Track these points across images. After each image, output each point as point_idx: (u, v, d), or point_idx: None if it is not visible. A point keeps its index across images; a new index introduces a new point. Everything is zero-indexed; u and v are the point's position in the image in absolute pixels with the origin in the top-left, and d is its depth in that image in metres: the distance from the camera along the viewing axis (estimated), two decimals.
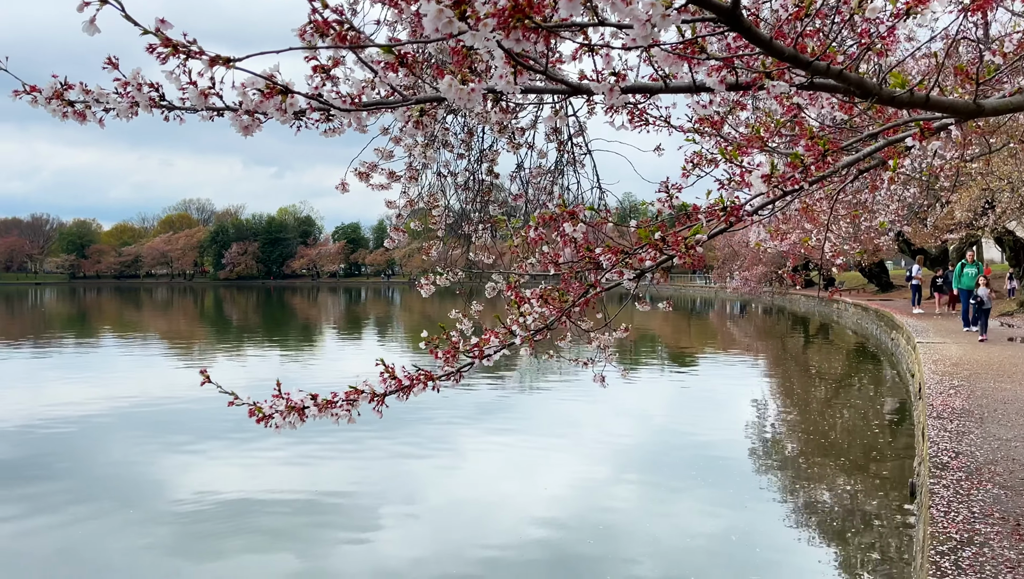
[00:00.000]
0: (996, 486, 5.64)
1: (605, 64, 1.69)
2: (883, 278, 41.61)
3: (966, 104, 1.95)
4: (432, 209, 5.02)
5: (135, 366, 21.59)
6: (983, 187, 22.13)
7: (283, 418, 2.25)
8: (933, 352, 14.22)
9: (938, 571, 4.06)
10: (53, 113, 2.16)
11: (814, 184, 2.19)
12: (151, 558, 6.98)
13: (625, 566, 6.72)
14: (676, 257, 2.00)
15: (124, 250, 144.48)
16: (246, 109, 1.88)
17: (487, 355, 2.27)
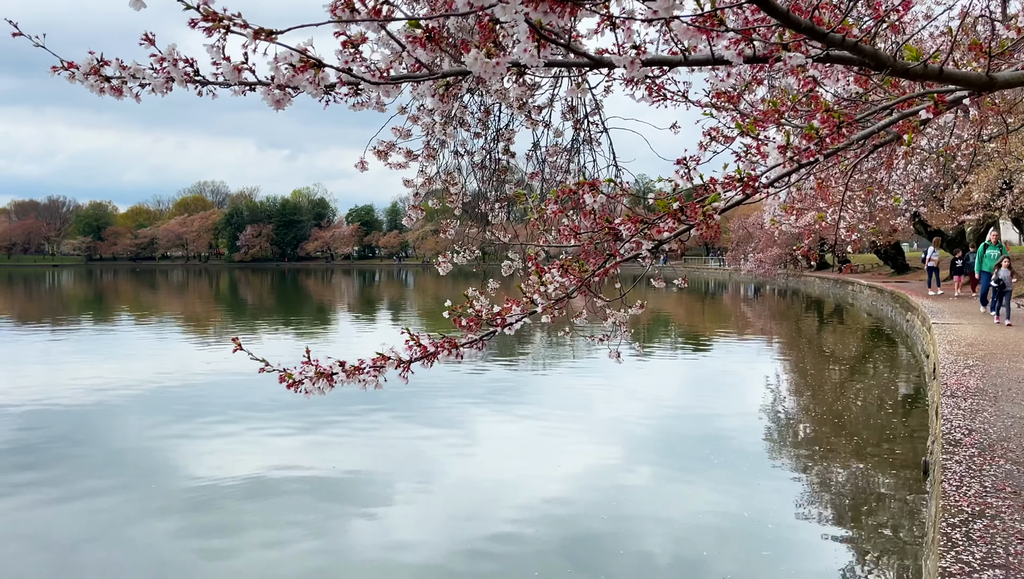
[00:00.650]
0: (1008, 462, 5.68)
1: (626, 37, 1.74)
2: (899, 260, 41.33)
3: (979, 76, 1.99)
4: (450, 187, 5.08)
5: (152, 347, 21.79)
6: (1001, 167, 21.94)
7: (312, 384, 2.34)
8: (948, 333, 14.19)
9: (949, 542, 4.12)
10: (91, 89, 2.23)
11: (829, 156, 2.23)
12: (169, 537, 7.07)
13: (638, 545, 6.77)
14: (694, 227, 2.06)
15: (140, 232, 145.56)
16: (278, 83, 1.95)
17: (509, 324, 2.34)
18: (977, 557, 3.96)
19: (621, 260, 2.23)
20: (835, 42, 1.66)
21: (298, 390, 2.39)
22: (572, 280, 2.24)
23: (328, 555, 6.68)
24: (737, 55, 1.70)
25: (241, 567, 6.45)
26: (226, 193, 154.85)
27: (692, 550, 6.70)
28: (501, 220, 5.98)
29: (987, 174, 22.59)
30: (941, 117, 2.25)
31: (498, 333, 2.38)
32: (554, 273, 2.23)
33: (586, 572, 6.22)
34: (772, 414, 12.55)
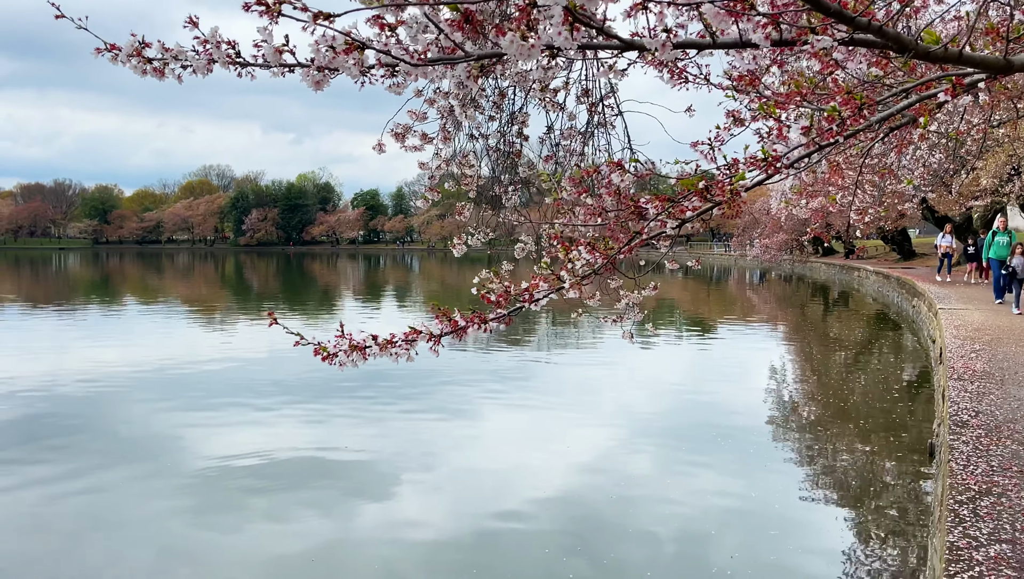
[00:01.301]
0: (1015, 442, 5.76)
1: (658, 21, 1.81)
2: (905, 246, 41.28)
3: (996, 60, 2.06)
4: (467, 170, 5.14)
5: (158, 331, 21.89)
6: (1010, 153, 21.89)
7: (347, 356, 2.42)
8: (955, 318, 14.24)
9: (957, 518, 4.22)
10: (133, 70, 2.31)
11: (848, 137, 2.30)
12: (175, 520, 7.11)
13: (643, 527, 6.82)
14: (721, 204, 2.14)
15: (146, 215, 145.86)
16: (318, 65, 2.03)
17: (536, 300, 2.42)
18: (984, 532, 4.05)
19: (647, 237, 2.31)
20: (861, 26, 1.73)
21: (332, 362, 2.47)
22: (598, 257, 2.32)
23: (335, 537, 6.71)
24: (765, 38, 1.77)
25: (248, 549, 6.52)
26: (231, 177, 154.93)
27: (698, 532, 6.76)
28: (514, 203, 6.04)
29: (996, 160, 22.54)
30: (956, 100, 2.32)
31: (525, 309, 2.46)
32: (581, 250, 2.31)
33: (592, 554, 6.28)
34: (777, 399, 12.61)
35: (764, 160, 2.11)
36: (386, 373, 13.81)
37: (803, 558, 6.24)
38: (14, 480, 8.19)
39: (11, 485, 8.04)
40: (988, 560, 3.71)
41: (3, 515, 7.23)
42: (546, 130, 5.66)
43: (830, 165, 4.13)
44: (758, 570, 5.94)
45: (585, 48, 1.94)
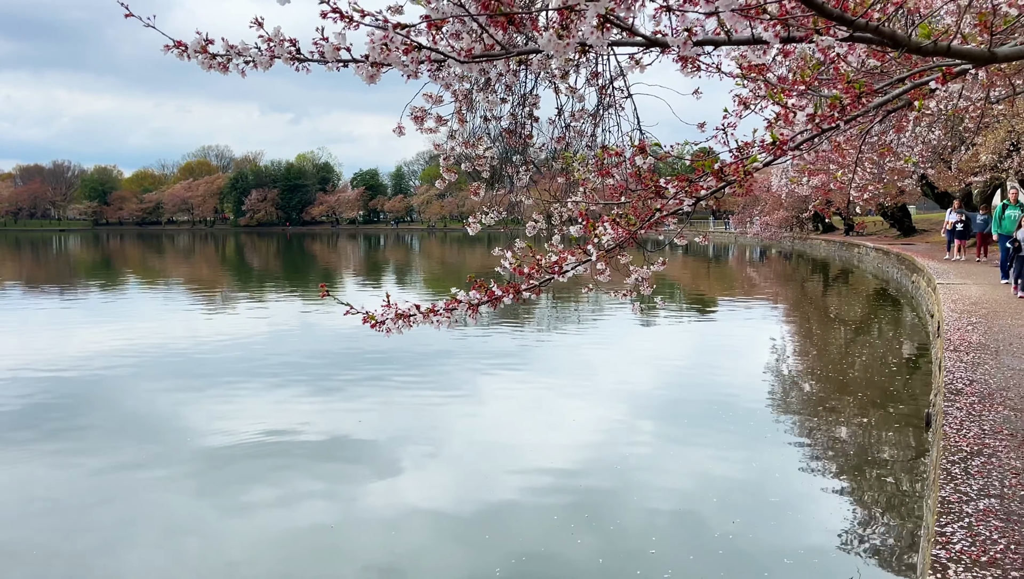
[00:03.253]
0: (1007, 408, 6.04)
1: (680, 21, 2.04)
2: (905, 222, 41.43)
3: (981, 52, 2.28)
4: (485, 151, 5.35)
5: (160, 312, 21.98)
6: (1008, 129, 22.02)
7: (393, 323, 2.67)
8: (953, 292, 14.49)
9: (949, 477, 4.49)
10: (200, 65, 2.54)
11: (849, 122, 2.54)
12: (181, 498, 7.21)
13: (644, 503, 6.92)
14: (735, 183, 2.38)
15: (145, 197, 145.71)
16: (372, 60, 2.26)
17: (565, 271, 2.67)
18: (974, 488, 4.33)
19: (666, 213, 2.55)
20: (860, 26, 1.96)
21: (379, 329, 2.73)
22: (621, 232, 2.56)
23: (339, 515, 6.80)
24: (775, 36, 2.00)
25: (254, 526, 6.62)
26: (230, 157, 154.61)
27: (699, 505, 6.87)
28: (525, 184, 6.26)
29: (995, 136, 22.68)
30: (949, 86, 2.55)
31: (554, 280, 2.71)
32: (606, 226, 2.55)
33: (595, 526, 6.38)
34: (777, 375, 12.79)
35: (773, 143, 2.35)
36: (390, 353, 14.02)
37: (802, 529, 6.39)
38: (20, 460, 8.27)
39: (17, 465, 8.12)
40: (977, 513, 3.99)
41: (11, 495, 7.30)
42: (556, 112, 5.88)
43: (833, 145, 4.36)
44: (758, 541, 6.09)
45: (613, 45, 2.17)
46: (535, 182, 6.76)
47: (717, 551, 5.91)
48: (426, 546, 6.19)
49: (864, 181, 7.83)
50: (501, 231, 6.62)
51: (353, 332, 16.81)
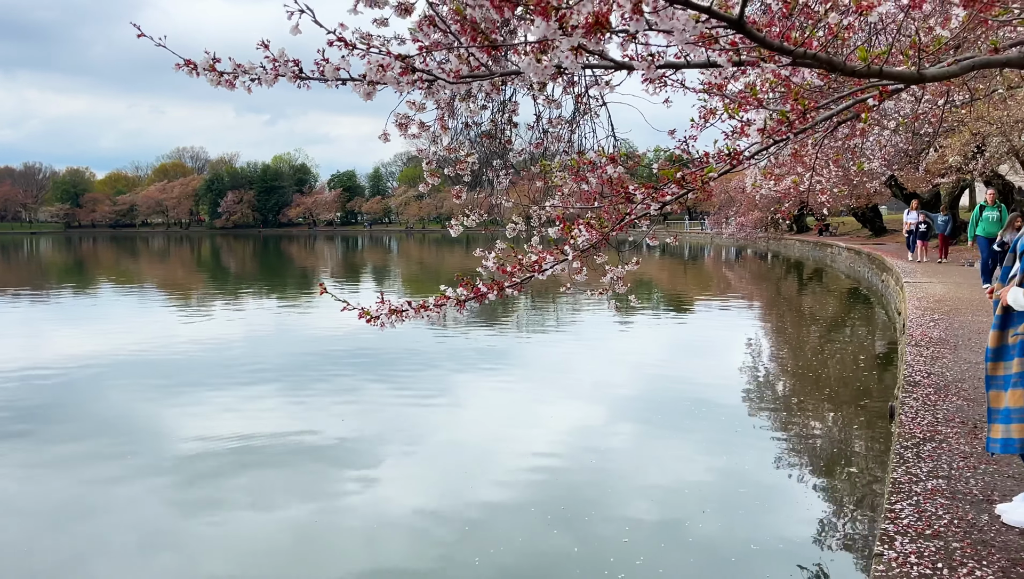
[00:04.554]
0: (960, 399, 6.40)
1: (644, 48, 2.30)
2: (877, 223, 42.25)
3: (911, 73, 2.57)
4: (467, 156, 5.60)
5: (133, 315, 21.69)
6: (973, 132, 22.63)
7: (388, 318, 2.92)
8: (919, 290, 14.97)
9: (902, 460, 4.82)
10: (209, 82, 2.77)
11: (798, 135, 2.83)
12: (155, 503, 7.11)
13: (621, 501, 6.98)
14: (693, 191, 2.66)
15: (119, 199, 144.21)
16: (369, 80, 2.51)
17: (544, 270, 2.94)
18: (924, 471, 4.65)
19: (634, 217, 2.82)
20: (799, 56, 2.23)
21: (374, 324, 2.97)
22: (595, 234, 2.83)
23: (318, 518, 6.76)
24: (727, 61, 2.27)
25: (229, 531, 6.55)
26: (206, 159, 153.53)
27: (675, 501, 6.92)
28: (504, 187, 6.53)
29: (960, 138, 23.29)
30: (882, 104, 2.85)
31: (534, 278, 2.97)
32: (581, 229, 2.82)
33: (573, 524, 6.44)
34: (752, 373, 13.03)
35: (728, 154, 2.63)
36: (365, 354, 14.11)
37: (775, 522, 6.50)
38: None
39: None
40: (925, 492, 4.32)
41: None
42: (535, 119, 6.15)
43: (793, 152, 4.67)
44: (731, 534, 6.19)
45: (586, 67, 2.43)
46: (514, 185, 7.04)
47: (691, 544, 6.03)
48: (406, 547, 6.22)
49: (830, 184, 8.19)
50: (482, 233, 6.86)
51: (331, 334, 16.83)
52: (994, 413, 3.93)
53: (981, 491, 4.36)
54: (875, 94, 2.71)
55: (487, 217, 6.51)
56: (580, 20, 1.84)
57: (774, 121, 2.59)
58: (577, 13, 1.83)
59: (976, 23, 2.86)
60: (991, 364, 3.97)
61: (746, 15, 1.98)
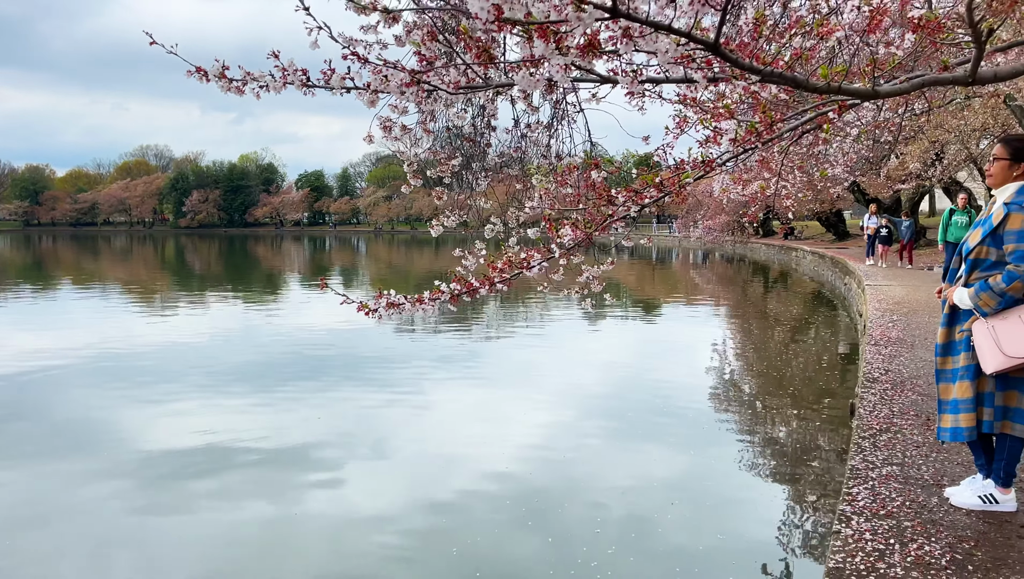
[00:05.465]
0: (916, 394, 6.75)
1: (627, 65, 2.53)
2: (840, 227, 43.20)
3: (867, 90, 2.84)
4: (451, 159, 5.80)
5: (94, 315, 21.23)
6: (932, 140, 23.33)
7: (386, 311, 3.12)
8: (879, 293, 15.47)
9: (859, 450, 5.12)
10: (220, 88, 2.94)
11: (765, 144, 3.09)
12: (116, 510, 6.94)
13: (590, 502, 6.98)
14: (670, 194, 2.89)
15: (80, 197, 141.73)
16: (374, 88, 2.71)
17: (532, 267, 3.15)
18: (879, 459, 4.96)
19: (616, 218, 3.05)
20: (766, 74, 2.48)
21: (372, 316, 3.16)
22: (580, 234, 3.06)
23: (282, 522, 6.65)
24: (703, 78, 2.51)
25: (191, 535, 6.43)
26: (170, 157, 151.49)
27: (643, 503, 6.93)
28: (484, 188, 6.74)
29: (919, 146, 24.00)
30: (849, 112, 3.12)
31: (522, 274, 3.18)
32: (567, 229, 3.05)
33: (539, 529, 6.41)
34: (719, 374, 13.21)
35: (702, 162, 2.88)
36: (332, 356, 14.12)
37: (741, 519, 6.59)
38: None
39: None
40: (880, 477, 4.61)
41: None
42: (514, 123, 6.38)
43: (760, 159, 4.95)
44: (700, 532, 6.28)
45: (575, 81, 2.66)
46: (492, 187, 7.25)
47: (658, 540, 6.13)
48: (373, 549, 6.19)
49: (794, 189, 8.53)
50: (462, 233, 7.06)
51: (297, 336, 16.85)
52: (943, 404, 4.23)
53: (932, 476, 4.67)
54: (835, 108, 2.98)
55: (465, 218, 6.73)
56: (575, 42, 2.06)
57: (744, 131, 2.84)
58: (572, 36, 2.06)
59: (926, 44, 3.15)
60: (940, 359, 4.28)
61: (721, 37, 2.22)
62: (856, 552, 3.63)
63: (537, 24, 2.01)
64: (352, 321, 19.43)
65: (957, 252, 4.21)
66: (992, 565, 3.54)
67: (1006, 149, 3.89)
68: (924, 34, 2.78)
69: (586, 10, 1.92)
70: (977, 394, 4.02)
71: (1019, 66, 3.26)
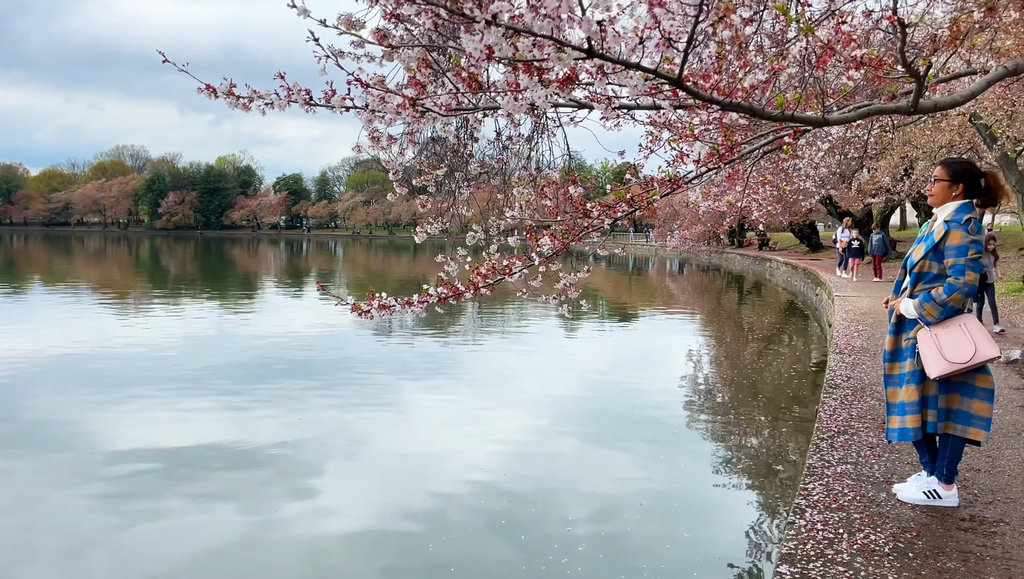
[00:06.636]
0: (874, 399, 7.11)
1: (603, 92, 2.82)
2: (813, 239, 43.97)
3: (817, 118, 3.15)
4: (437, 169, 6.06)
5: (65, 317, 21.08)
6: (902, 155, 23.96)
7: (378, 312, 3.37)
8: (847, 304, 15.93)
9: (817, 450, 5.45)
10: (228, 105, 3.19)
11: (727, 164, 3.39)
12: (85, 515, 6.86)
13: (562, 512, 6.99)
14: (640, 209, 3.18)
15: (54, 196, 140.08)
16: (372, 109, 2.98)
17: (514, 273, 3.43)
18: (836, 458, 5.29)
19: (592, 229, 3.34)
20: (726, 104, 2.77)
21: (365, 317, 3.42)
22: (558, 244, 3.34)
23: (257, 529, 6.60)
24: (669, 106, 2.81)
25: (162, 541, 6.35)
26: (147, 158, 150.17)
27: (617, 510, 7.02)
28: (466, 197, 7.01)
29: (889, 161, 24.64)
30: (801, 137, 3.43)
31: (504, 280, 3.45)
32: (546, 239, 3.33)
33: (512, 536, 6.44)
34: (693, 383, 13.34)
35: (670, 180, 3.17)
36: (307, 361, 14.17)
37: (714, 527, 6.71)
38: None
39: None
40: (835, 474, 4.94)
41: None
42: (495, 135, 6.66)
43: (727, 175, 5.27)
44: (670, 537, 6.41)
45: (555, 105, 2.94)
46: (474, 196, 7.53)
47: (629, 541, 6.25)
48: (346, 557, 6.17)
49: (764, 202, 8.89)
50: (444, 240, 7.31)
51: (272, 340, 16.82)
52: (891, 407, 4.56)
53: (882, 474, 5.00)
54: (790, 132, 3.29)
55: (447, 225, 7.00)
56: (555, 75, 2.35)
57: (707, 153, 3.14)
58: (553, 72, 2.34)
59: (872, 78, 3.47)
60: (888, 364, 4.61)
61: (686, 68, 2.51)
62: (808, 540, 3.94)
63: (523, 61, 2.29)
64: (328, 326, 19.53)
65: (903, 266, 4.55)
66: (931, 553, 3.86)
67: (946, 171, 4.25)
68: (869, 69, 3.10)
69: (566, 51, 2.20)
70: (922, 397, 4.36)
71: (957, 97, 3.59)
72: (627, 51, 2.36)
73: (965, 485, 4.85)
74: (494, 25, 2.13)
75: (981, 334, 4.19)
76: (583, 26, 2.22)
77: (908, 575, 3.60)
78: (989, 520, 4.31)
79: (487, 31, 2.14)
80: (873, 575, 3.58)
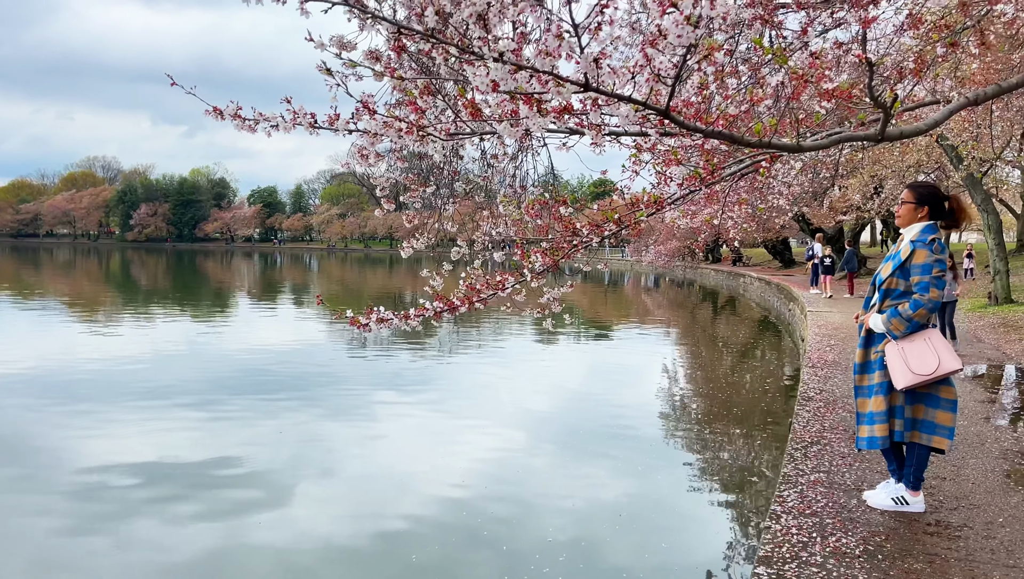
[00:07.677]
0: (845, 411, 7.35)
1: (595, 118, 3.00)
2: (786, 255, 44.68)
3: (792, 144, 3.36)
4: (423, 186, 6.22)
5: (32, 330, 20.76)
6: (872, 174, 24.53)
7: (376, 324, 3.52)
8: (820, 318, 16.29)
9: (792, 459, 5.67)
10: (235, 127, 3.34)
11: (709, 186, 3.59)
12: (53, 531, 6.77)
13: (538, 526, 6.99)
14: (628, 228, 3.38)
15: (22, 207, 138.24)
16: (373, 132, 3.14)
17: (507, 289, 3.60)
18: (809, 467, 5.50)
19: (582, 246, 3.53)
20: (708, 132, 2.98)
21: (363, 329, 3.56)
22: (548, 260, 3.52)
23: (226, 545, 6.53)
24: (655, 132, 3.00)
25: (132, 559, 6.26)
26: (118, 169, 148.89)
27: (595, 525, 7.03)
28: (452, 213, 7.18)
29: (859, 179, 25.22)
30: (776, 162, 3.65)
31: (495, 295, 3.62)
32: (537, 256, 3.51)
33: (488, 551, 6.44)
34: (668, 398, 13.40)
35: (655, 201, 3.37)
36: (281, 375, 14.07)
37: (690, 541, 6.78)
38: None
39: None
40: (809, 482, 5.15)
41: None
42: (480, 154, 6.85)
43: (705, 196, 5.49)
44: (647, 547, 6.49)
45: (548, 131, 3.13)
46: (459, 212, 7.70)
47: (607, 552, 6.33)
48: (322, 574, 6.13)
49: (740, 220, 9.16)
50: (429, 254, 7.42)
51: (244, 354, 16.71)
52: (861, 417, 4.79)
53: (853, 482, 5.22)
54: (767, 157, 3.51)
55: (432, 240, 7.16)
56: (552, 105, 2.53)
57: (689, 175, 3.34)
58: (549, 104, 2.53)
59: (842, 107, 3.70)
60: (858, 376, 4.85)
61: (671, 103, 2.71)
62: (783, 543, 4.13)
63: (524, 93, 2.47)
64: (301, 340, 19.49)
65: (872, 282, 4.79)
66: (899, 555, 4.07)
67: (912, 194, 4.51)
68: (840, 100, 3.32)
69: (564, 86, 2.39)
70: (890, 407, 4.58)
71: (921, 126, 3.84)
72: (619, 85, 2.56)
73: (931, 492, 5.08)
74: (500, 62, 2.31)
75: (945, 348, 4.43)
76: (581, 64, 2.41)
77: (877, 576, 3.81)
78: (953, 525, 4.53)
79: (494, 67, 2.32)
80: (845, 576, 3.78)
